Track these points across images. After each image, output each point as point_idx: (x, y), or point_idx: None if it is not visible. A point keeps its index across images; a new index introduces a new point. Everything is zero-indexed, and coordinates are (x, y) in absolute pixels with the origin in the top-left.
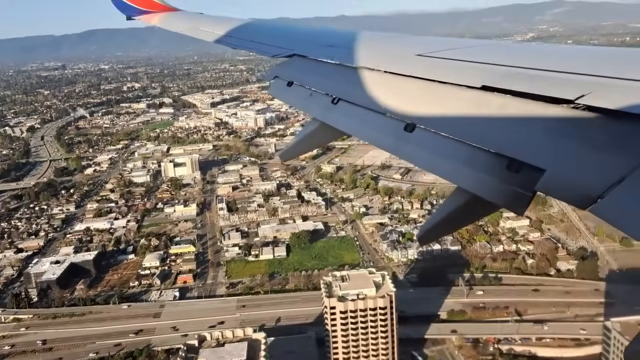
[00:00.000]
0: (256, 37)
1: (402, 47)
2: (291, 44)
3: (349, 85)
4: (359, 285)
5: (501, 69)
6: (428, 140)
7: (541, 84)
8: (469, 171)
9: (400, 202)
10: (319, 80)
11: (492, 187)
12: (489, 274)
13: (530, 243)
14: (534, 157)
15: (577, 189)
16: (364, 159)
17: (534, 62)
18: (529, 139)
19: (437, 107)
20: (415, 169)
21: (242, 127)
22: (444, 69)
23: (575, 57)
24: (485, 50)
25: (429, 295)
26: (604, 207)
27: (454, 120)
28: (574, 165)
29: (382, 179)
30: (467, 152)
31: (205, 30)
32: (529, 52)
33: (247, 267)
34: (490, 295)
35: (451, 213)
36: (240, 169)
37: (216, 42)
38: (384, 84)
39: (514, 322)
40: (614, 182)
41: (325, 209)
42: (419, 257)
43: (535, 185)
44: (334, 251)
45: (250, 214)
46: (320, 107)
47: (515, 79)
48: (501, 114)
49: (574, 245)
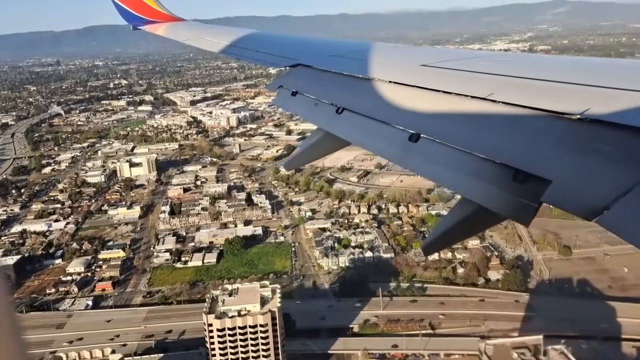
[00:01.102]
0: (261, 47)
1: (406, 58)
2: (296, 54)
3: (354, 95)
4: (246, 300)
5: (506, 80)
6: (433, 150)
7: (547, 94)
8: (474, 182)
9: (348, 207)
10: (323, 90)
11: (497, 198)
12: (416, 283)
13: (468, 251)
14: (540, 168)
15: (583, 200)
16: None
17: (539, 73)
18: (535, 150)
19: (442, 118)
20: (375, 171)
21: (214, 126)
22: (449, 80)
23: (581, 68)
24: (489, 61)
25: (347, 306)
26: (610, 218)
27: (458, 130)
28: (580, 176)
29: (339, 182)
30: (472, 163)
31: (210, 40)
32: (533, 62)
33: (173, 275)
34: (409, 306)
35: (456, 224)
36: (199, 170)
37: (221, 53)
38: (388, 94)
39: (422, 337)
40: (620, 193)
41: (271, 213)
42: (351, 265)
43: (541, 196)
44: (267, 258)
45: (192, 218)
46: (324, 116)
47: (521, 89)
48: (507, 125)
49: (511, 254)
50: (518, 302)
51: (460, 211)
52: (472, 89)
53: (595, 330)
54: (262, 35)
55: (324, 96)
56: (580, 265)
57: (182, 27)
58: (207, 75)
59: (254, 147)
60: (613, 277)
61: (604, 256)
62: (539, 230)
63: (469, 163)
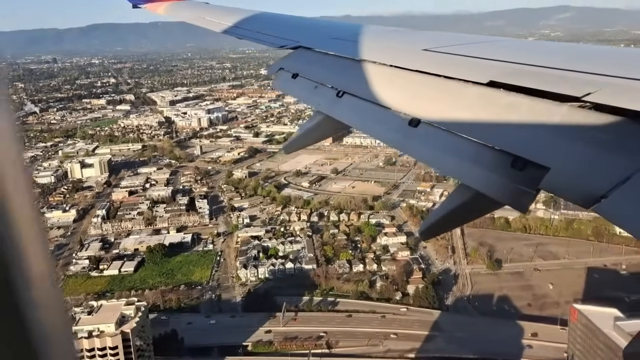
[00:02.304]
0: (262, 28)
1: (408, 42)
2: (297, 36)
3: (354, 79)
4: (103, 320)
5: (508, 66)
6: (432, 135)
7: (548, 81)
8: (473, 168)
9: (289, 213)
10: (324, 73)
11: (495, 184)
12: (329, 297)
13: (396, 262)
14: (539, 155)
15: (581, 188)
16: (287, 164)
17: (541, 60)
18: (534, 136)
19: (443, 103)
20: (331, 176)
21: (185, 126)
22: (451, 65)
23: (584, 55)
24: (492, 47)
25: (249, 322)
26: (607, 207)
27: (458, 116)
28: (578, 164)
29: (291, 187)
30: (471, 149)
31: (212, 20)
32: (537, 49)
33: (85, 284)
34: (312, 322)
35: (454, 209)
36: (153, 172)
37: (222, 32)
38: (389, 78)
39: (309, 358)
40: (618, 181)
41: (209, 218)
42: (270, 277)
43: (539, 183)
44: (188, 267)
45: (125, 223)
46: (324, 100)
47: (522, 75)
48: (507, 111)
49: (440, 267)
50: (428, 320)
51: (457, 197)
52: (474, 75)
53: (495, 352)
54: (264, 15)
55: (324, 79)
56: (506, 280)
57: (184, 6)
58: (198, 75)
59: (217, 149)
60: (535, 295)
61: (533, 271)
62: (476, 242)
63: (468, 149)
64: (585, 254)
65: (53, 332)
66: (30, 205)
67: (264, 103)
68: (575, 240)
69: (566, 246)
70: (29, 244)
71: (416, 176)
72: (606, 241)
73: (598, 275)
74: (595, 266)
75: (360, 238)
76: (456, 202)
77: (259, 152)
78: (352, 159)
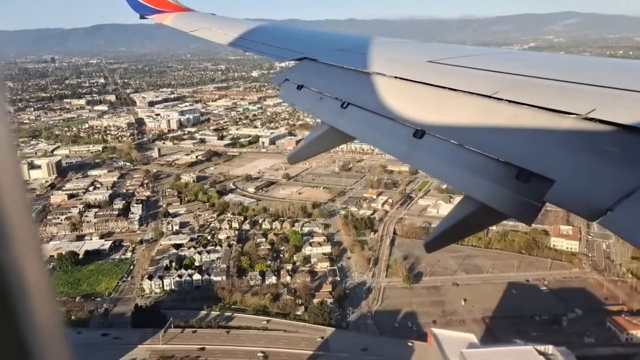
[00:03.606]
0: (267, 40)
1: (412, 54)
2: (302, 47)
3: (359, 90)
4: None
5: (512, 78)
6: (437, 147)
7: (553, 95)
8: (478, 180)
9: (221, 221)
10: (328, 85)
11: (500, 196)
12: (226, 312)
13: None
14: (544, 167)
15: (586, 201)
16: (243, 168)
17: (546, 72)
18: (539, 149)
19: (447, 115)
20: (281, 181)
21: (153, 128)
22: (455, 77)
23: (587, 67)
24: (496, 59)
25: (127, 340)
26: (612, 220)
27: (463, 128)
28: (583, 176)
29: (236, 192)
30: (476, 161)
31: (217, 31)
32: (541, 61)
33: None
34: (196, 340)
35: (459, 222)
36: (103, 175)
37: (228, 45)
38: (394, 89)
39: None
40: (623, 195)
41: (138, 225)
42: (176, 289)
43: (545, 195)
44: (97, 277)
45: (50, 228)
46: (329, 111)
47: (527, 88)
48: (512, 124)
49: (356, 279)
50: (320, 339)
51: (463, 209)
52: (478, 87)
53: None
54: (269, 27)
55: (329, 90)
56: (420, 295)
57: (190, 17)
58: (189, 76)
59: (177, 152)
60: (445, 311)
61: (451, 286)
62: (404, 254)
63: (473, 161)
64: (511, 267)
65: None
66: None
67: (244, 105)
68: (506, 253)
69: (495, 259)
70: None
71: (366, 182)
72: (536, 255)
73: (516, 291)
74: (518, 281)
75: (285, 248)
76: (461, 214)
77: (219, 155)
78: (309, 164)
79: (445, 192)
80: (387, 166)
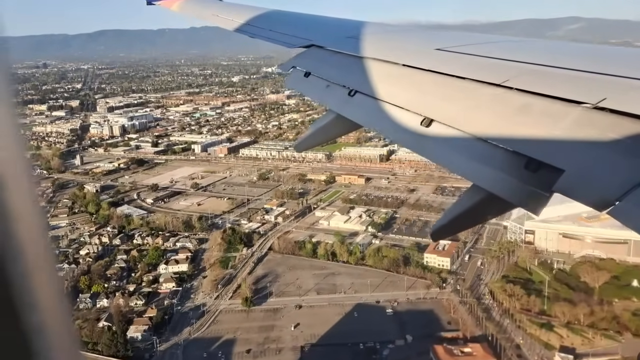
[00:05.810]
0: (274, 26)
1: (421, 41)
2: (309, 34)
3: (367, 78)
4: None
5: (523, 66)
6: (445, 136)
7: (563, 83)
8: (486, 169)
9: (92, 235)
10: (336, 72)
11: (509, 185)
12: None
13: (147, 297)
14: (553, 157)
15: (595, 191)
16: (160, 177)
17: (555, 60)
18: (549, 138)
19: (456, 103)
20: (189, 191)
21: (96, 134)
22: (464, 65)
23: (598, 56)
24: (505, 47)
25: None
26: (621, 210)
27: (472, 116)
28: (593, 166)
29: (134, 204)
30: (484, 150)
31: (224, 17)
32: (550, 49)
33: None
34: None
35: (466, 211)
36: None
37: (235, 31)
38: (402, 77)
39: None
40: (633, 185)
41: None
42: None
43: (553, 185)
44: None
45: None
46: (336, 98)
47: (536, 76)
48: (521, 112)
49: (198, 301)
50: None
51: (470, 198)
52: (487, 75)
53: None
54: (277, 13)
55: (336, 78)
56: (253, 319)
57: (197, 3)
58: (170, 82)
59: (103, 160)
60: (267, 338)
61: (293, 308)
62: (265, 271)
63: (481, 150)
64: (369, 287)
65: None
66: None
67: (204, 110)
68: (374, 270)
69: (358, 278)
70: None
71: (275, 193)
72: (403, 272)
73: (358, 314)
74: (367, 302)
75: (141, 265)
76: (468, 203)
77: (145, 162)
78: (230, 173)
79: (348, 202)
80: (307, 175)
